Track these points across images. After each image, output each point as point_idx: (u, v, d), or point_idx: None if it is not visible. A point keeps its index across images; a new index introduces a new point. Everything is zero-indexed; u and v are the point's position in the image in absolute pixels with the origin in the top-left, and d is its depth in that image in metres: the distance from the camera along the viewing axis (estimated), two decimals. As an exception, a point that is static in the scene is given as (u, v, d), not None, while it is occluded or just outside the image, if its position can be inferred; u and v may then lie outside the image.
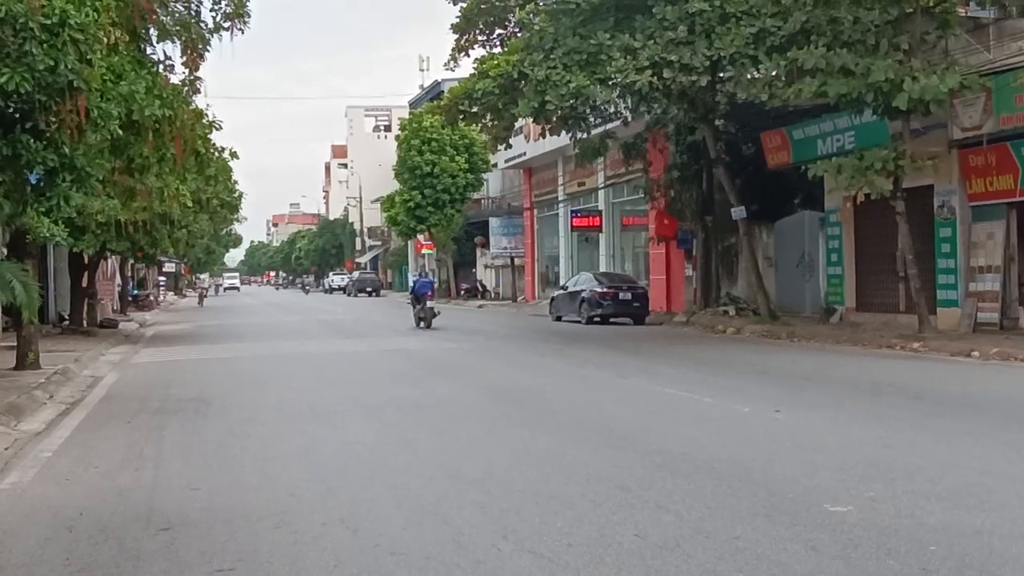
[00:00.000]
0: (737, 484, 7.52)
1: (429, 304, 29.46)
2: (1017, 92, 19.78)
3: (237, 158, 28.14)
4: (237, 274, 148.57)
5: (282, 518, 6.69)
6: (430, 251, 62.48)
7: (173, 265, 66.52)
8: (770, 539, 5.93)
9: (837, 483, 7.43)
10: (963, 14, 20.43)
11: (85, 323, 29.22)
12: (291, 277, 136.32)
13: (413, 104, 69.74)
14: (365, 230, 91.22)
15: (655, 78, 22.74)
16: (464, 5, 25.47)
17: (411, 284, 43.84)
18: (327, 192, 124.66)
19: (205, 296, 65.15)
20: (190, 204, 25.06)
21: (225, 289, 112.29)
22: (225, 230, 57.15)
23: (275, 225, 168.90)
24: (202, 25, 18.28)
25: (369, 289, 73.34)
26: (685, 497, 7.11)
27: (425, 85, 69.52)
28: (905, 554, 5.55)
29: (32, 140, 11.25)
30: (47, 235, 17.37)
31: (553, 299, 35.03)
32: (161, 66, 17.81)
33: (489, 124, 28.55)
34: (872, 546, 5.73)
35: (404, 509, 6.92)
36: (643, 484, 7.56)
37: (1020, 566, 5.33)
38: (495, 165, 52.42)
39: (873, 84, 18.90)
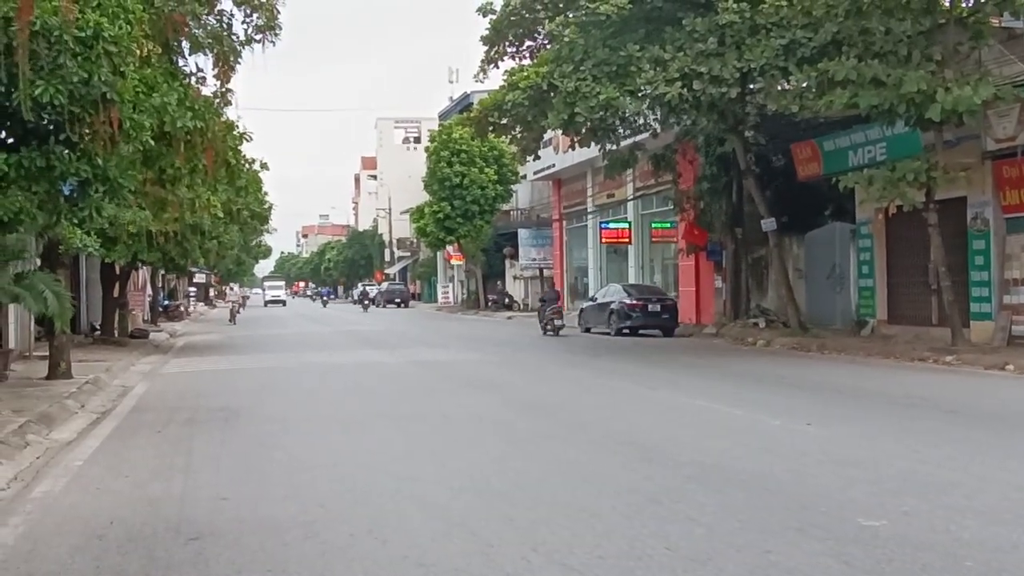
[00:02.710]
0: (768, 497, 7.46)
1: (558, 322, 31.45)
2: (1052, 103, 19.64)
3: (267, 169, 28.37)
4: (283, 283, 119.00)
5: (310, 529, 6.69)
6: (459, 262, 62.59)
7: (203, 276, 67.03)
8: (803, 553, 5.87)
9: (870, 497, 7.35)
10: (997, 24, 20.29)
11: (116, 333, 29.46)
12: (328, 289, 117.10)
13: (442, 116, 69.90)
14: (394, 241, 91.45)
15: (685, 90, 22.73)
16: (494, 17, 25.53)
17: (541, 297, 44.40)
18: (356, 203, 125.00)
19: (238, 312, 50.67)
20: (221, 215, 25.29)
21: (267, 303, 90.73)
22: (255, 241, 57.49)
23: (305, 236, 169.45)
24: (234, 38, 18.43)
25: (397, 300, 73.54)
26: (716, 510, 7.06)
27: (454, 97, 69.67)
28: (940, 570, 5.49)
29: (65, 151, 11.35)
30: (79, 246, 17.55)
31: (582, 310, 35.01)
32: (193, 78, 17.97)
33: (518, 136, 28.62)
34: (906, 561, 5.66)
35: (433, 521, 6.90)
36: (674, 497, 7.51)
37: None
38: (524, 176, 52.43)
39: (905, 95, 18.80)
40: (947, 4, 18.89)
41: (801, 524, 6.60)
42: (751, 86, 24.04)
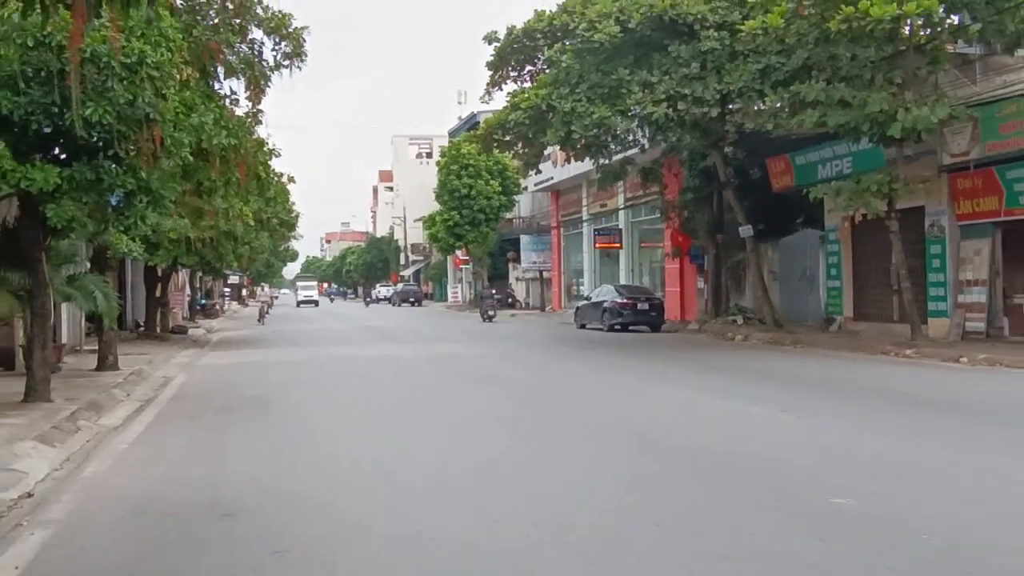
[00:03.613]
0: (748, 479, 7.46)
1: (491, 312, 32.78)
2: (1002, 121, 19.65)
3: (294, 182, 28.38)
4: (315, 283, 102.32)
5: (332, 506, 6.69)
6: (467, 265, 62.63)
7: (237, 277, 67.02)
8: (778, 529, 5.87)
9: (840, 478, 7.35)
10: (952, 51, 20.29)
11: (158, 329, 29.49)
12: (336, 289, 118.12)
13: (452, 133, 69.86)
14: (408, 246, 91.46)
15: (670, 110, 22.78)
16: (498, 45, 25.58)
17: (481, 294, 46.53)
18: (375, 212, 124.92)
19: (267, 313, 46.30)
20: (252, 223, 25.30)
21: (300, 303, 77.03)
22: (283, 246, 57.52)
23: (328, 242, 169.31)
24: (264, 63, 18.43)
25: (412, 299, 73.54)
26: (701, 491, 7.06)
27: (463, 116, 69.62)
28: (903, 545, 5.47)
29: (113, 166, 11.36)
30: (125, 250, 17.55)
31: (578, 309, 35.00)
32: (227, 100, 17.95)
33: (520, 151, 28.58)
34: (873, 537, 5.65)
35: (443, 500, 6.90)
36: (662, 479, 7.51)
37: (1016, 555, 5.24)
38: (526, 188, 52.48)
39: (869, 115, 18.82)
40: (907, 32, 18.87)
41: (777, 503, 6.60)
42: (730, 106, 24.02)
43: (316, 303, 78.53)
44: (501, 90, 26.80)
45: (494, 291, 46.06)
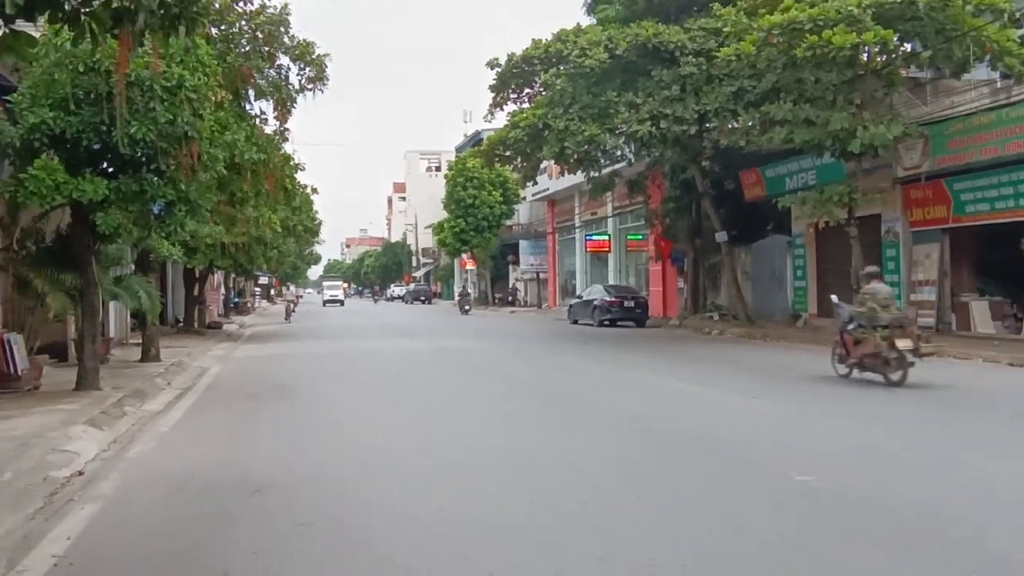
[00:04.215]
0: (723, 458, 7.47)
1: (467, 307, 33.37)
2: (949, 138, 19.70)
3: (317, 193, 28.43)
4: (340, 282, 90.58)
5: (351, 484, 6.70)
6: (472, 267, 62.61)
7: (266, 278, 66.98)
8: (749, 501, 5.88)
9: (804, 457, 7.37)
10: (905, 75, 20.32)
11: (196, 325, 29.49)
12: (375, 288, 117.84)
13: (458, 149, 69.75)
14: (420, 250, 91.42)
15: (654, 128, 22.79)
16: (500, 70, 25.61)
17: (460, 293, 48.38)
18: (389, 220, 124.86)
19: (293, 311, 43.68)
20: (280, 230, 25.33)
21: (326, 303, 68.91)
22: (307, 250, 57.55)
23: (348, 246, 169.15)
24: (290, 86, 18.48)
25: (422, 298, 73.56)
26: (681, 469, 7.08)
27: (468, 134, 69.51)
28: (858, 515, 5.48)
29: (155, 179, 11.37)
30: (166, 254, 17.55)
31: (571, 306, 34.98)
32: (257, 119, 18.03)
33: (519, 165, 28.57)
34: (832, 508, 5.68)
35: (450, 478, 6.91)
36: (647, 459, 7.53)
37: (958, 525, 5.25)
38: (524, 198, 52.47)
39: (831, 132, 18.84)
40: (865, 59, 18.88)
41: (749, 479, 6.61)
42: (707, 125, 24.01)
43: (342, 302, 69.99)
44: (502, 110, 26.84)
45: (469, 293, 51.46)
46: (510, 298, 56.21)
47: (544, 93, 25.24)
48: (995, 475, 6.71)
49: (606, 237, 41.25)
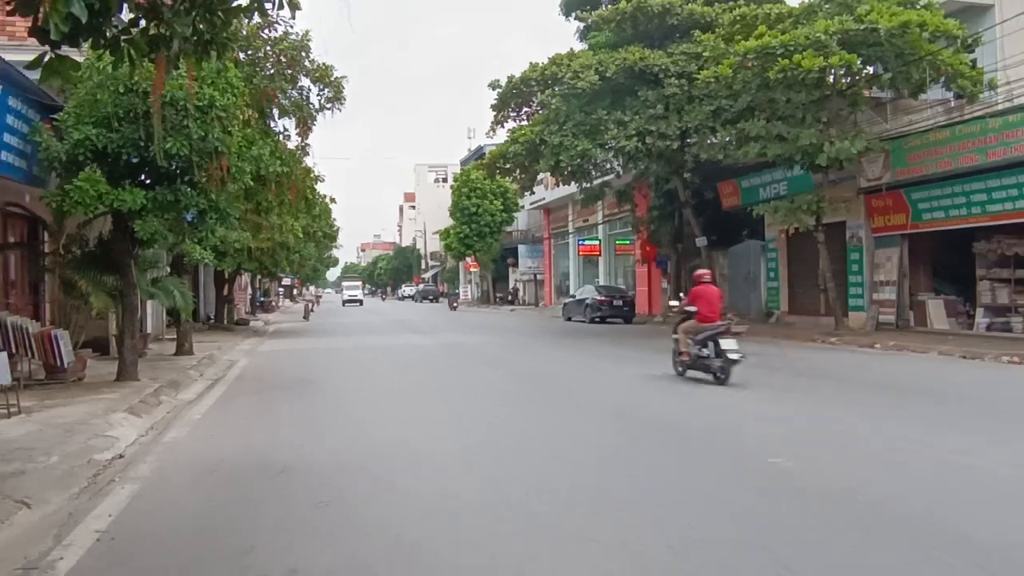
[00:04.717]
0: (702, 443, 7.47)
1: (455, 304, 35.06)
2: (908, 152, 19.70)
3: (335, 202, 28.48)
4: (359, 283, 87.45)
5: (364, 467, 6.70)
6: (475, 269, 62.59)
7: (289, 279, 66.90)
8: (724, 483, 5.87)
9: (776, 442, 7.35)
10: (868, 95, 20.32)
11: (225, 322, 29.51)
12: (386, 288, 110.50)
13: (463, 162, 69.76)
14: (428, 254, 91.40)
15: (640, 143, 22.82)
16: (500, 91, 25.62)
17: (447, 293, 49.98)
18: (400, 226, 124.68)
19: (312, 311, 42.41)
20: (301, 235, 25.33)
21: (345, 303, 66.42)
22: (326, 254, 57.52)
23: (363, 250, 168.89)
24: (311, 106, 18.45)
25: (430, 297, 73.57)
26: (662, 454, 7.06)
27: (472, 148, 69.48)
28: (827, 495, 5.48)
29: (188, 189, 11.38)
30: (199, 258, 17.55)
31: (565, 304, 34.97)
32: (281, 135, 18.00)
33: (518, 177, 28.55)
34: (804, 489, 5.66)
35: (455, 464, 6.92)
36: (633, 445, 7.52)
37: (905, 504, 5.25)
38: (523, 206, 52.44)
39: (801, 147, 18.86)
40: (831, 80, 18.88)
41: (725, 463, 6.60)
42: (688, 140, 24.04)
43: (361, 302, 67.42)
44: (503, 127, 26.88)
45: (457, 292, 57.07)
46: (510, 297, 56.31)
47: (541, 112, 25.26)
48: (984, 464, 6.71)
49: (597, 242, 41.30)
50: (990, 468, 6.28)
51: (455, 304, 51.91)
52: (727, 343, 11.65)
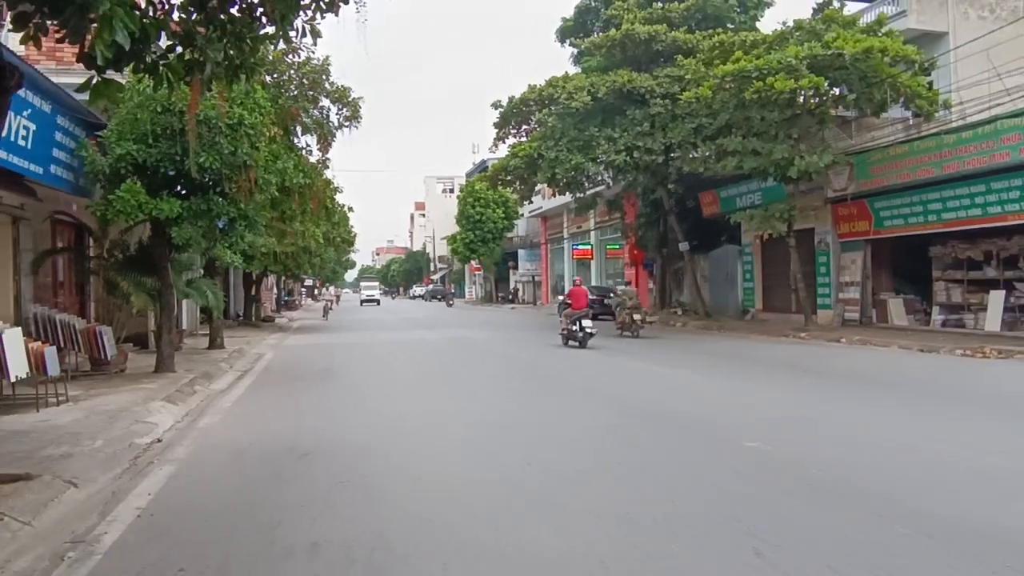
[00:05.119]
0: (686, 428, 7.47)
1: (451, 301, 35.60)
2: (871, 165, 19.70)
3: (352, 211, 28.46)
4: (377, 283, 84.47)
5: (379, 450, 6.70)
6: (479, 271, 62.57)
7: (311, 280, 66.91)
8: (705, 461, 5.88)
9: (752, 427, 7.35)
10: (834, 114, 20.31)
11: (253, 319, 29.49)
12: (398, 288, 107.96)
13: (468, 175, 69.68)
14: (436, 257, 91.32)
15: (628, 157, 22.84)
16: (501, 110, 25.66)
17: (444, 292, 50.83)
18: (412, 232, 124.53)
19: (330, 310, 40.79)
20: (321, 241, 25.28)
21: (363, 302, 62.27)
22: (344, 257, 57.50)
23: (378, 254, 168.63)
24: (330, 124, 18.49)
25: (438, 296, 73.60)
26: (652, 438, 7.06)
27: (476, 162, 69.44)
28: (798, 477, 5.49)
29: (220, 199, 11.39)
30: (229, 261, 17.57)
31: (560, 303, 34.88)
32: (304, 150, 18.02)
33: (518, 188, 28.59)
34: (775, 470, 5.67)
35: (461, 446, 6.93)
36: (624, 428, 7.52)
37: (869, 479, 5.26)
38: (522, 215, 52.46)
39: (774, 161, 18.86)
40: (801, 100, 18.88)
41: (706, 445, 6.61)
42: (672, 155, 24.04)
43: (378, 302, 63.09)
44: (504, 143, 26.88)
45: (451, 290, 59.44)
46: (511, 297, 56.29)
47: (538, 129, 25.29)
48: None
49: (589, 247, 41.30)
50: (941, 450, 6.29)
51: (451, 302, 53.48)
52: (586, 323, 17.09)
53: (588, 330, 16.96)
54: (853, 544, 4.09)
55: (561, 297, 36.73)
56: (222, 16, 4.83)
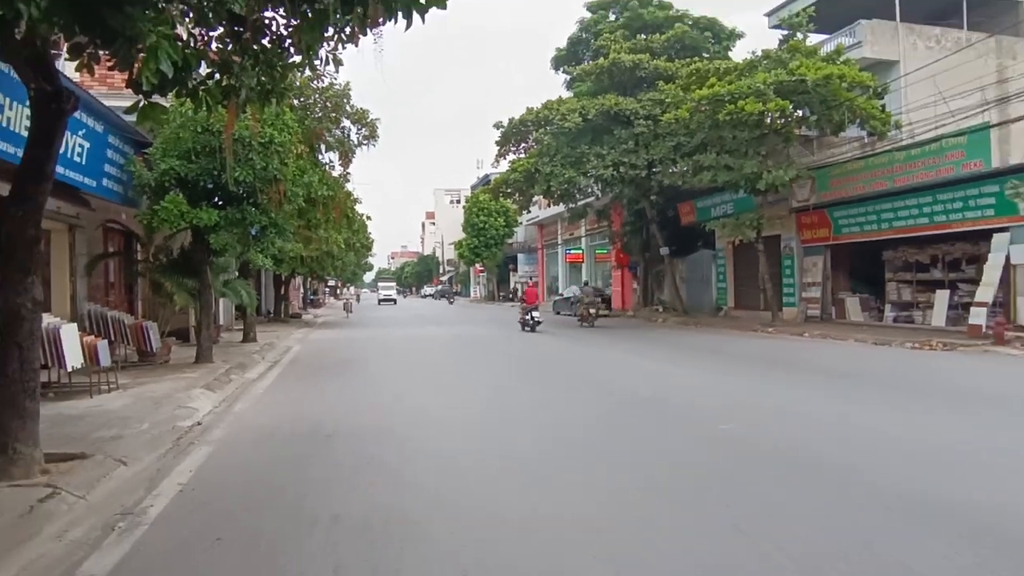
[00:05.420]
0: (666, 412, 7.46)
1: (452, 300, 36.41)
2: (831, 179, 19.67)
3: (370, 219, 28.52)
4: (394, 283, 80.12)
5: (395, 432, 6.70)
6: (483, 273, 62.56)
7: (333, 281, 66.83)
8: (684, 441, 5.88)
9: (726, 412, 7.35)
10: (798, 133, 20.28)
11: (282, 315, 29.47)
12: (411, 288, 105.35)
13: (473, 187, 69.71)
14: (445, 261, 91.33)
15: (615, 172, 22.81)
16: (503, 130, 25.64)
17: (446, 291, 51.02)
18: (423, 238, 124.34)
19: (351, 308, 38.98)
20: (343, 246, 25.30)
21: (381, 301, 57.43)
22: (363, 260, 57.43)
23: (392, 257, 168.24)
24: (351, 142, 18.50)
25: (446, 296, 73.53)
26: (635, 420, 7.06)
27: (480, 176, 69.39)
28: (762, 453, 5.49)
29: (253, 209, 11.39)
30: (261, 264, 17.56)
31: (555, 301, 34.83)
32: (327, 165, 18.04)
33: (517, 199, 28.56)
34: (747, 448, 5.67)
35: (467, 429, 6.92)
36: (611, 412, 7.52)
37: (832, 457, 5.26)
38: (521, 223, 52.45)
39: (744, 175, 18.84)
40: (769, 121, 18.87)
41: (686, 428, 6.61)
42: (654, 170, 24.00)
43: (395, 301, 58.39)
44: (505, 159, 26.86)
45: (453, 290, 60.15)
46: (511, 296, 56.23)
47: (535, 146, 25.27)
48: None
49: (580, 251, 41.29)
50: (892, 432, 6.29)
51: (451, 300, 54.84)
52: (535, 314, 20.30)
53: (536, 319, 20.48)
54: (818, 514, 4.10)
55: (556, 297, 36.97)
56: (255, 47, 4.83)
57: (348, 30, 4.56)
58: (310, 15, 4.45)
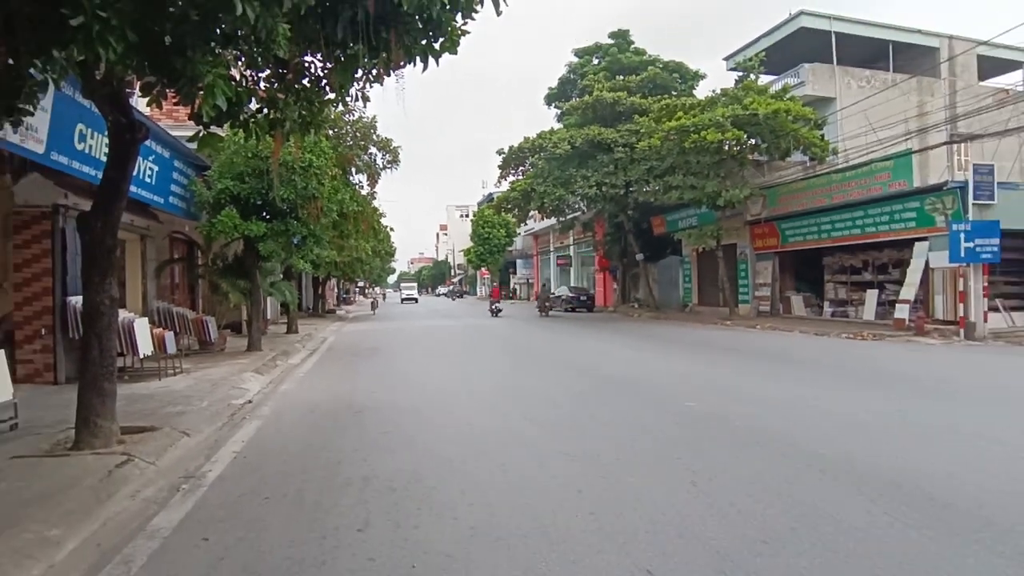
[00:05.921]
0: (641, 391, 7.45)
1: (456, 299, 36.78)
2: (779, 195, 19.66)
3: (394, 231, 28.49)
4: (415, 284, 75.37)
5: (415, 409, 6.70)
6: (487, 276, 62.50)
7: (362, 282, 66.76)
8: (656, 418, 5.87)
9: (691, 392, 7.34)
10: (752, 158, 20.28)
11: (319, 311, 29.43)
12: (426, 288, 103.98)
13: (479, 204, 69.63)
14: (455, 265, 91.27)
15: (598, 191, 22.82)
16: (504, 155, 25.66)
17: (452, 289, 51.17)
18: (437, 246, 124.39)
19: (377, 305, 38.80)
20: (370, 253, 25.24)
21: (403, 300, 54.30)
22: (387, 265, 57.36)
23: (411, 263, 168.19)
24: (376, 166, 18.49)
25: (457, 294, 73.46)
26: (615, 398, 7.06)
27: (485, 194, 69.30)
28: (725, 429, 5.49)
29: (295, 222, 11.38)
30: (302, 268, 17.51)
31: (539, 298, 34.82)
32: (357, 186, 18.02)
33: (516, 213, 28.57)
34: (710, 422, 5.66)
35: (475, 405, 6.91)
36: (594, 392, 7.51)
37: (777, 428, 5.26)
38: (519, 233, 52.43)
39: (706, 193, 18.86)
40: (726, 148, 18.88)
41: (656, 405, 6.60)
42: (631, 189, 24.02)
43: (416, 300, 55.30)
44: (506, 180, 26.87)
45: (461, 289, 60.10)
46: (511, 295, 56.21)
47: (531, 169, 25.29)
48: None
49: (569, 257, 41.23)
50: (828, 407, 6.29)
51: (454, 299, 55.64)
52: (500, 304, 22.40)
53: (498, 307, 24.64)
54: (765, 476, 4.10)
55: (553, 296, 37.04)
56: (296, 86, 4.84)
57: (375, 72, 4.58)
58: (343, 59, 4.47)
